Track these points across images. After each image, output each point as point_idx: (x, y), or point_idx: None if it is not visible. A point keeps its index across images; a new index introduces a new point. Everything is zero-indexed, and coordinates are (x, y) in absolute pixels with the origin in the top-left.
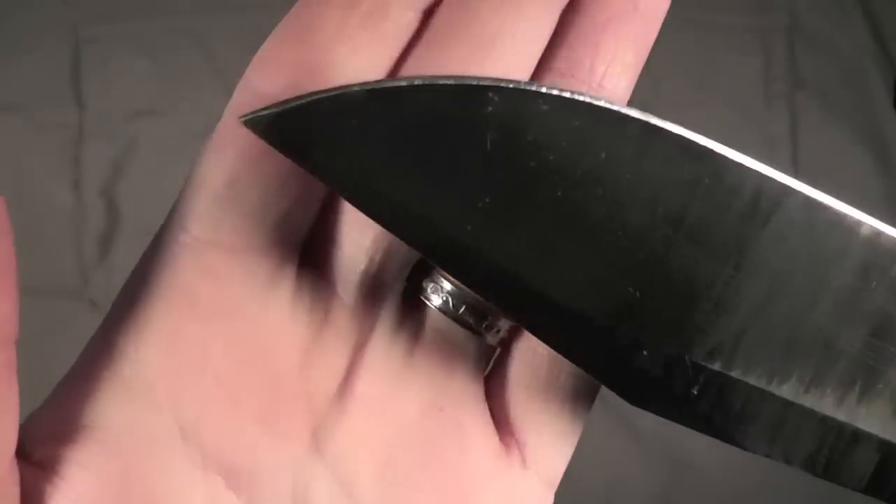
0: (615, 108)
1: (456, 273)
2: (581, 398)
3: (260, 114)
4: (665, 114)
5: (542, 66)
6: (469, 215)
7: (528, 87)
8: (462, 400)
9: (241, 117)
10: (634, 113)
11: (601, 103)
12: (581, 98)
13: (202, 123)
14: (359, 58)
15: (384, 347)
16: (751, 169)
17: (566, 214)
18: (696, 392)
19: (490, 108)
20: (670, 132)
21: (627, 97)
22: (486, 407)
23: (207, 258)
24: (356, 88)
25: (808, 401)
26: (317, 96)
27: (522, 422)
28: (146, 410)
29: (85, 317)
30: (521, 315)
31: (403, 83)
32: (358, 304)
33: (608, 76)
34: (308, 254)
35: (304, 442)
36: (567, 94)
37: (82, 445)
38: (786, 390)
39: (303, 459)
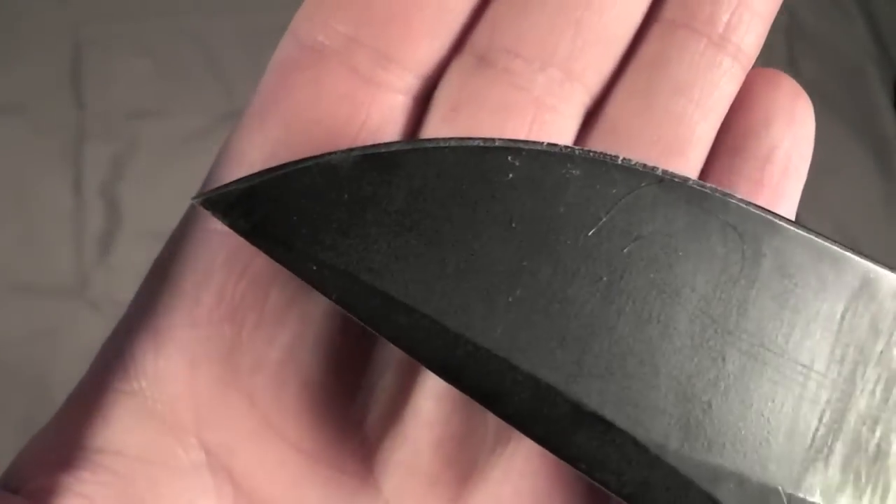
0: (656, 171)
1: (482, 395)
2: None
3: (222, 191)
4: None
5: (651, 17)
6: (495, 315)
7: (552, 150)
8: None
9: (195, 197)
10: (677, 176)
11: (636, 164)
12: (613, 160)
13: (202, 123)
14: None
15: None
16: (811, 239)
17: (615, 306)
18: None
19: (510, 176)
20: (720, 198)
21: (755, 55)
22: None
23: (243, 251)
24: (342, 154)
25: None
26: (295, 166)
27: None
28: (166, 433)
29: (85, 317)
30: (571, 448)
31: (401, 146)
32: None
33: (732, 27)
34: None
35: (358, 475)
36: (598, 156)
37: (87, 473)
38: None
39: (356, 497)
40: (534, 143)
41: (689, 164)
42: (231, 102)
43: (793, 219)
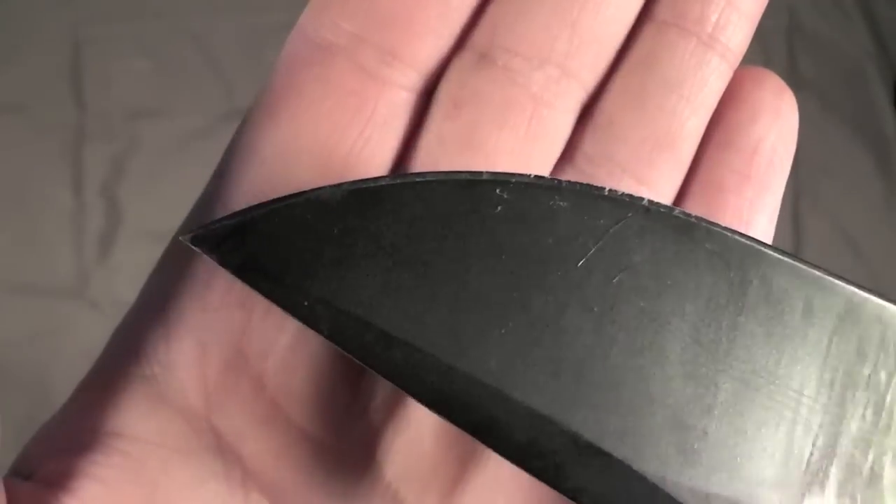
0: (642, 201)
1: (479, 428)
2: None
3: (210, 228)
4: None
5: (644, 17)
6: (489, 347)
7: (539, 182)
8: None
9: (183, 236)
10: (663, 206)
11: (622, 195)
12: (599, 191)
13: (202, 123)
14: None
15: None
16: (795, 266)
17: (607, 336)
18: None
19: (499, 208)
20: (705, 228)
21: (742, 54)
22: None
23: None
24: (331, 189)
25: None
26: (284, 202)
27: None
28: (178, 417)
29: (85, 317)
30: (571, 480)
31: (390, 180)
32: None
33: (720, 27)
34: None
35: (362, 459)
36: (584, 188)
37: (101, 456)
38: None
39: (361, 480)
40: (521, 175)
41: (679, 158)
42: (231, 102)
43: (776, 211)
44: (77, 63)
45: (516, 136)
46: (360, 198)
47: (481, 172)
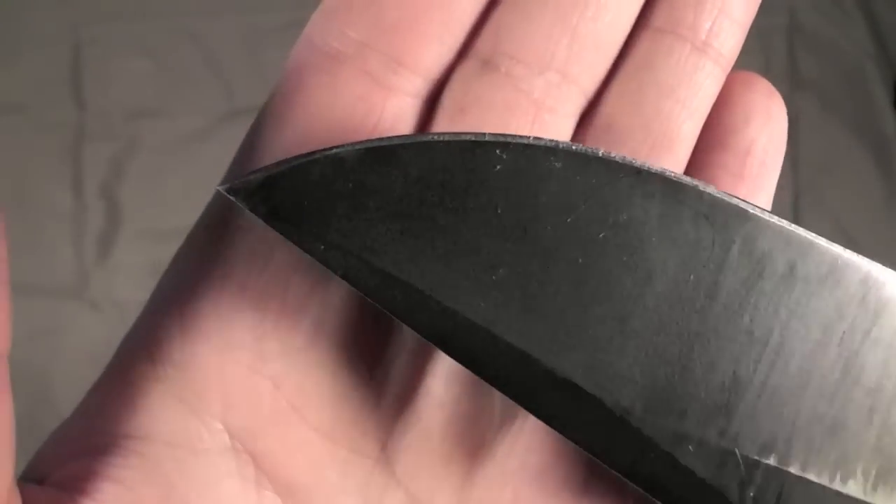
0: (634, 163)
1: (467, 361)
2: None
3: (243, 180)
4: None
5: (640, 24)
6: (480, 291)
7: (537, 143)
8: None
9: (220, 186)
10: (654, 168)
11: (615, 157)
12: (594, 153)
13: (202, 123)
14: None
15: None
16: (781, 227)
17: (589, 286)
18: (752, 495)
19: (498, 167)
20: (694, 189)
21: (734, 59)
22: None
23: (263, 245)
24: (348, 147)
25: (880, 499)
26: (307, 158)
27: None
28: (192, 418)
29: (85, 317)
30: (544, 408)
31: (402, 140)
32: None
33: (713, 34)
34: None
35: (373, 456)
36: (579, 149)
37: (119, 458)
38: (852, 487)
39: (372, 476)
40: (521, 137)
41: (676, 159)
42: (231, 102)
43: (768, 209)
44: (77, 63)
45: None
46: (374, 155)
47: (484, 134)
